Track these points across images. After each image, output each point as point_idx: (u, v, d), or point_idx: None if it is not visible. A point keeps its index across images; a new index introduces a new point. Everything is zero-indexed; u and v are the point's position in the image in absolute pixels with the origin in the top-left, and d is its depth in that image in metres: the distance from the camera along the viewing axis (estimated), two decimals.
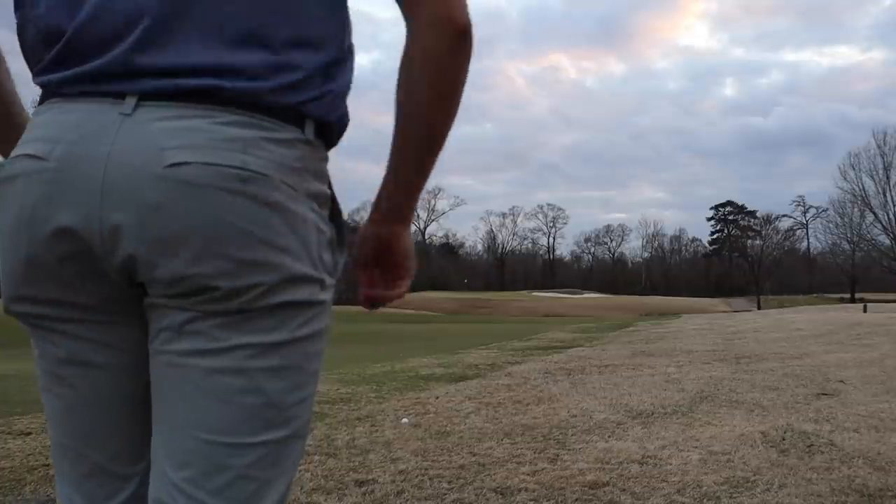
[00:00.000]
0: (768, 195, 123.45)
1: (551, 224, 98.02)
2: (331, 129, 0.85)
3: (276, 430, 0.79)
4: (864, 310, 28.13)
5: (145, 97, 0.75)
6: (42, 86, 0.82)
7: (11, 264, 0.79)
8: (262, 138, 0.76)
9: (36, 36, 0.81)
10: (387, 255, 0.93)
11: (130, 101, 0.75)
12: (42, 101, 0.82)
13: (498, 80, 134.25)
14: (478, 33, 0.84)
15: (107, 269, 0.76)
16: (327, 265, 0.83)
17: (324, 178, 0.84)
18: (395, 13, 0.86)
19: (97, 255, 0.75)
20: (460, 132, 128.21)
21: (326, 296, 0.83)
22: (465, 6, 0.82)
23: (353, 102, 0.91)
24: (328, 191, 0.85)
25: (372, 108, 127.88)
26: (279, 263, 0.76)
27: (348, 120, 0.89)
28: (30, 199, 0.75)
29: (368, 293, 0.94)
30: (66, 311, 0.80)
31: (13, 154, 0.79)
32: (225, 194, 0.73)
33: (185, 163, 0.72)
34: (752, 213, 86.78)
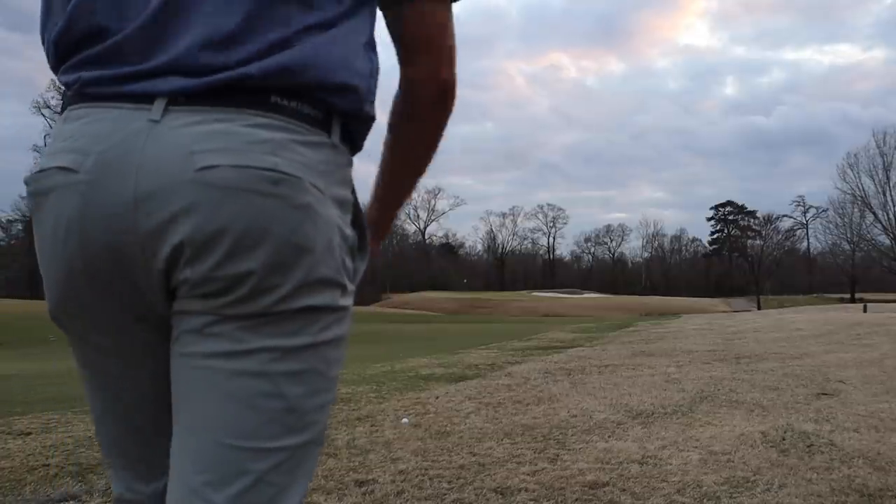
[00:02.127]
0: (769, 195, 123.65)
1: (551, 224, 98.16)
2: (356, 132, 0.87)
3: (295, 435, 0.79)
4: (864, 310, 28.12)
5: (174, 101, 0.75)
6: (68, 84, 0.81)
7: (51, 276, 0.81)
8: (291, 140, 0.77)
9: (74, 33, 0.80)
10: None
11: (159, 106, 0.75)
12: (66, 104, 0.82)
13: (498, 80, 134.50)
14: (477, 32, 0.88)
15: (139, 278, 0.77)
16: (349, 270, 0.83)
17: (348, 183, 0.85)
18: None
19: (130, 266, 0.76)
20: (460, 132, 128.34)
21: (347, 301, 0.83)
22: (453, 66, 0.90)
23: None
24: (351, 196, 0.85)
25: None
26: (305, 266, 0.76)
27: (373, 122, 0.89)
28: (64, 213, 0.76)
29: None
30: (98, 321, 0.82)
31: (45, 165, 0.79)
32: (256, 196, 0.74)
33: (216, 166, 0.73)
34: (752, 213, 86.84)
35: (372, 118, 0.87)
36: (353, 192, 0.86)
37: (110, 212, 0.74)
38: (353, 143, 0.87)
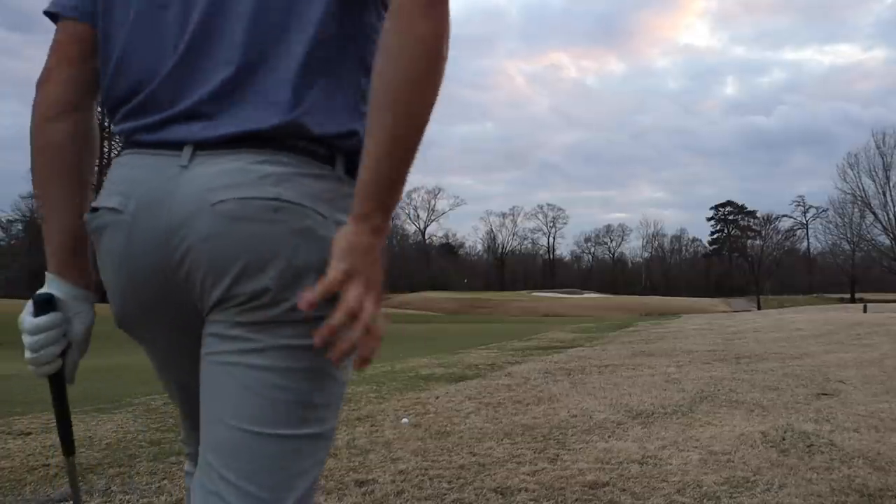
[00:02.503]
0: (769, 195, 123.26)
1: (551, 224, 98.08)
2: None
3: (305, 426, 0.88)
4: (864, 310, 28.11)
5: (200, 147, 0.87)
6: (118, 134, 0.95)
7: (113, 296, 0.97)
8: (296, 173, 0.86)
9: (116, 92, 0.94)
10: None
11: (187, 153, 0.87)
12: (121, 150, 0.96)
13: (498, 80, 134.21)
14: (477, 32, 0.86)
15: (176, 298, 0.91)
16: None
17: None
18: None
19: (169, 289, 0.90)
20: (460, 131, 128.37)
21: None
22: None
23: None
24: None
25: None
26: (310, 282, 0.84)
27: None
28: (115, 249, 0.92)
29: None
30: (152, 329, 0.98)
31: (100, 204, 0.93)
32: (259, 224, 0.84)
33: (225, 200, 0.84)
34: (752, 213, 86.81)
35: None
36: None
37: (149, 246, 0.88)
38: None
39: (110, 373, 7.94)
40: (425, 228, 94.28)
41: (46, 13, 1.00)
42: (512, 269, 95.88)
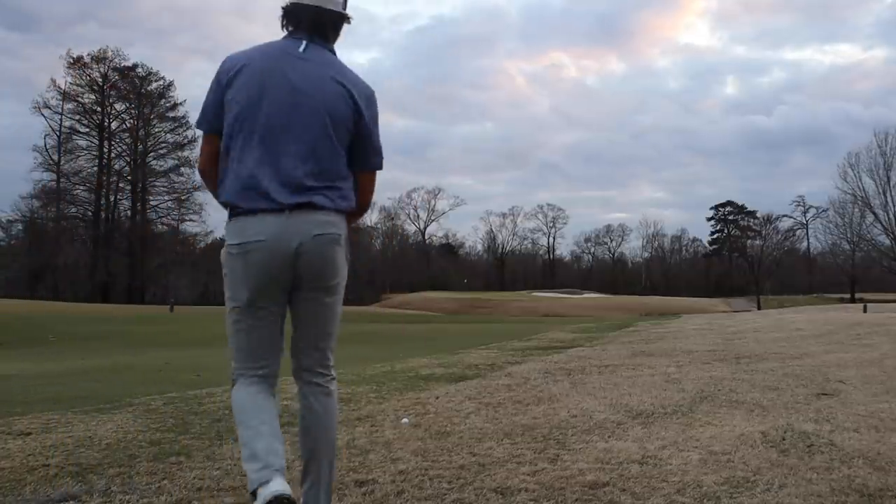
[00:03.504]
0: (769, 195, 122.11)
1: (551, 224, 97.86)
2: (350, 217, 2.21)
3: (337, 324, 2.23)
4: (864, 310, 28.12)
5: (291, 209, 2.03)
6: (226, 206, 2.09)
7: (251, 286, 2.06)
8: (339, 220, 2.13)
9: (239, 185, 2.06)
10: None
11: (286, 212, 2.02)
12: (231, 214, 2.08)
13: (498, 80, 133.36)
14: (477, 31, 0.87)
15: (286, 283, 2.09)
16: (347, 270, 2.20)
17: (348, 236, 2.16)
18: (394, 10, 0.88)
19: (286, 278, 2.07)
20: (461, 131, 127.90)
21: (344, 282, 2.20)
22: (369, 200, 2.34)
23: None
24: (347, 239, 2.17)
25: None
26: (343, 272, 2.18)
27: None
28: (261, 259, 2.03)
29: None
30: (272, 300, 2.11)
31: (243, 240, 2.03)
32: (331, 245, 2.10)
33: (319, 234, 2.06)
34: (752, 214, 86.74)
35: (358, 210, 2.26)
36: (349, 238, 2.17)
37: (277, 258, 2.03)
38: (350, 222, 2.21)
39: (110, 373, 7.95)
40: (425, 228, 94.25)
41: (198, 126, 2.17)
42: (512, 269, 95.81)
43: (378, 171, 2.26)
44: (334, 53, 2.20)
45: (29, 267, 57.30)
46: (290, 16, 2.16)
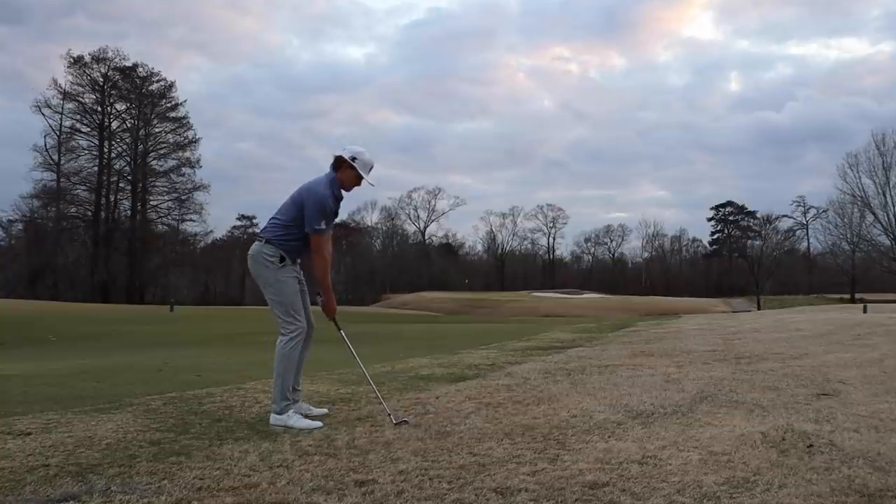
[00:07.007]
0: (775, 192, 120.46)
1: (551, 224, 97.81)
2: (278, 243, 4.28)
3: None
4: (864, 310, 28.09)
5: (258, 239, 4.35)
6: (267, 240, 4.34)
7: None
8: (263, 244, 4.29)
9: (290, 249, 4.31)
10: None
11: (261, 240, 4.29)
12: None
13: (498, 75, 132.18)
14: (476, 26, 0.86)
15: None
16: (271, 268, 4.28)
17: (276, 254, 4.24)
18: (390, 3, 0.88)
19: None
20: (460, 128, 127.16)
21: (271, 273, 4.27)
22: (320, 251, 4.29)
23: (347, 99, 0.94)
24: (278, 253, 4.25)
25: (367, 104, 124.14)
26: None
27: (288, 245, 4.29)
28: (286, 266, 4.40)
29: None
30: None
31: (289, 264, 4.30)
32: (256, 261, 4.30)
33: (250, 253, 4.34)
34: (753, 214, 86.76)
35: (284, 243, 4.27)
36: (282, 255, 4.24)
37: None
38: (280, 246, 4.29)
39: (110, 373, 7.94)
40: (425, 228, 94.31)
41: (320, 230, 4.24)
42: (512, 269, 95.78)
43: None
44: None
45: (29, 267, 57.31)
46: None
